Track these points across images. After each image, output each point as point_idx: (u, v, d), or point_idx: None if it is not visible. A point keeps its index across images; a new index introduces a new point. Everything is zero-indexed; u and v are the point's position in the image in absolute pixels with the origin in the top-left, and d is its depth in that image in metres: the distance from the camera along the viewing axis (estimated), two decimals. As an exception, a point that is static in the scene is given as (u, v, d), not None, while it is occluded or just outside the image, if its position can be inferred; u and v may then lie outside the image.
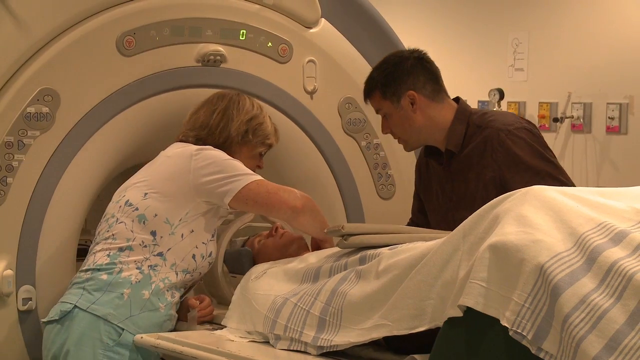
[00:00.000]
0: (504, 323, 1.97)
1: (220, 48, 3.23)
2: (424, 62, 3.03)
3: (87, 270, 2.77)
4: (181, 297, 2.87)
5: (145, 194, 2.79)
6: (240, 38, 3.27)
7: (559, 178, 2.86)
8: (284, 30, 3.35)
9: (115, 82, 3.10)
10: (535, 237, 2.01)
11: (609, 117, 5.65)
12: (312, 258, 2.78)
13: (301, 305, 2.53)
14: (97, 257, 2.77)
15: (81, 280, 2.76)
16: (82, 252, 3.01)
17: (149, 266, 2.74)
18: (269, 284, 2.74)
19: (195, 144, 2.87)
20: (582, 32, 5.82)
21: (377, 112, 3.06)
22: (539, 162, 2.88)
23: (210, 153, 2.80)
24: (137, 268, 2.74)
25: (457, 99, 3.08)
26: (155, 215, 2.76)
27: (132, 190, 2.82)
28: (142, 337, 2.70)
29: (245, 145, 2.92)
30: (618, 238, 2.03)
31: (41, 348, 2.81)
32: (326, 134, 3.42)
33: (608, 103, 5.67)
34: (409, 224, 3.25)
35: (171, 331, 2.80)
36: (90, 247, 2.86)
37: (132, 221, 2.76)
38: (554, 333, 1.92)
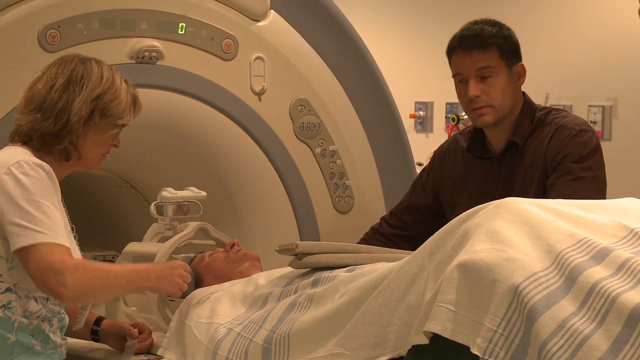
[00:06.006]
0: (474, 351, 1.98)
1: (157, 43, 3.23)
2: None
3: None
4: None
5: None
6: (179, 32, 3.27)
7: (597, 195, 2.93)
8: (228, 24, 3.35)
9: (37, 82, 3.06)
10: (509, 254, 2.03)
11: (590, 122, 5.69)
12: (262, 279, 2.77)
13: (244, 335, 2.52)
14: None
15: None
16: None
17: (1, 307, 2.54)
18: (212, 310, 2.72)
19: (27, 142, 2.57)
20: (562, 28, 5.87)
21: (480, 69, 3.02)
22: (588, 170, 2.99)
23: (24, 181, 2.46)
24: None
25: (522, 93, 3.14)
26: None
27: None
28: None
29: (91, 129, 2.60)
30: (600, 256, 2.06)
31: None
32: (276, 139, 3.42)
33: (589, 105, 5.72)
34: (379, 223, 3.27)
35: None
36: None
37: None
38: (530, 362, 1.93)
